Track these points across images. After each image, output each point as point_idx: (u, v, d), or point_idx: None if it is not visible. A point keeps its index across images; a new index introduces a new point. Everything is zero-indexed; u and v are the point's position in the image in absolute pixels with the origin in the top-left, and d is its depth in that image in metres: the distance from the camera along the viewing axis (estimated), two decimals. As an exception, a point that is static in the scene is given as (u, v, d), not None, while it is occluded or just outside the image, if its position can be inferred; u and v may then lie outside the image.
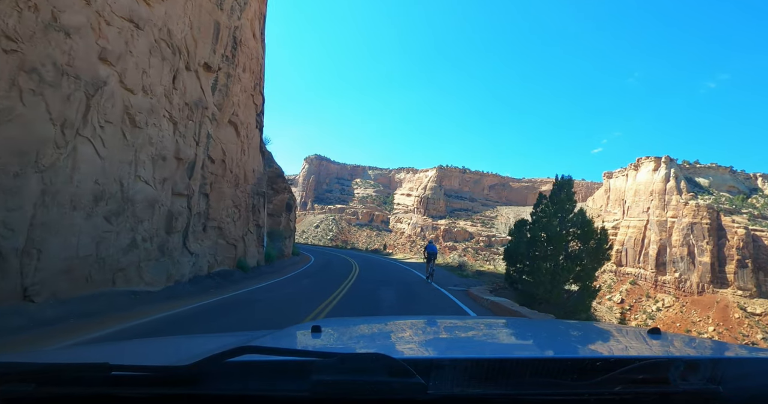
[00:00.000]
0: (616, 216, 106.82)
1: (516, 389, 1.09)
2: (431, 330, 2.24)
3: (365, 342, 1.92)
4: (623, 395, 1.09)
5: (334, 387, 1.03)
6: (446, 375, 1.08)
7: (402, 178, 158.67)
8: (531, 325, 2.67)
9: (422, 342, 1.90)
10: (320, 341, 1.71)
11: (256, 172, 18.89)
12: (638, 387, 1.12)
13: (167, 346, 1.96)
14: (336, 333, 1.99)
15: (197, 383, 1.06)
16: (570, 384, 1.10)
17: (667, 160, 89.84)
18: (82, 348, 3.02)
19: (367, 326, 2.27)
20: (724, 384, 1.11)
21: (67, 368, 1.12)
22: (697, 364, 1.22)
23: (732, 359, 1.51)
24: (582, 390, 1.08)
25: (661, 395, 1.12)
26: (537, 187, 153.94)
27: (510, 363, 1.21)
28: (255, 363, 1.13)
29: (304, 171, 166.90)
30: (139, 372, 1.09)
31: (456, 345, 1.84)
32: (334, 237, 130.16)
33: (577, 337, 2.02)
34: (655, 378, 1.14)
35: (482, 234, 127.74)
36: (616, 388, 1.09)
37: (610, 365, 1.14)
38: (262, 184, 20.35)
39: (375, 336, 2.04)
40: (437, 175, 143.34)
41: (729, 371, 1.20)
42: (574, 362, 1.27)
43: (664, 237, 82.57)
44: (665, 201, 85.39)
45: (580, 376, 1.11)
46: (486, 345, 1.84)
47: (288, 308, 10.29)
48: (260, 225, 19.74)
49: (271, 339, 1.72)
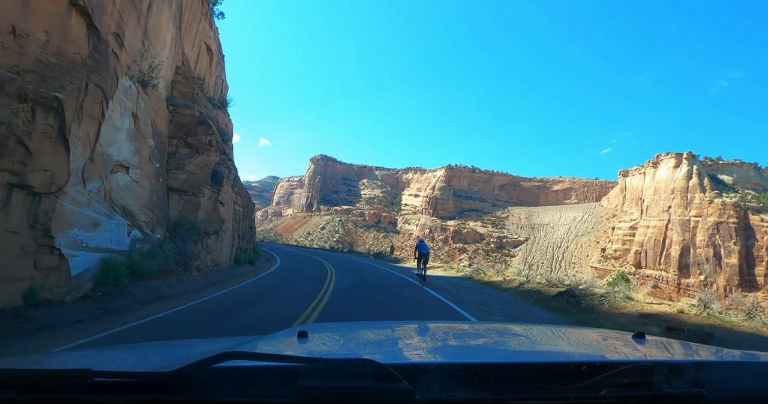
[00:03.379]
0: (633, 216, 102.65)
1: (502, 393, 1.09)
2: (419, 335, 2.24)
3: (352, 347, 1.90)
4: (609, 399, 1.09)
5: (320, 393, 1.02)
6: (433, 380, 1.08)
7: (410, 178, 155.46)
8: (518, 330, 2.49)
9: (409, 348, 1.90)
10: (307, 346, 1.69)
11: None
12: (623, 391, 1.12)
13: (152, 352, 1.95)
14: (323, 338, 1.98)
15: (182, 389, 1.05)
16: (556, 388, 1.10)
17: (689, 156, 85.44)
18: (65, 355, 2.86)
19: (353, 331, 2.27)
20: (708, 388, 1.13)
21: (49, 374, 1.11)
22: (680, 368, 1.23)
23: (715, 363, 1.54)
24: (568, 394, 1.09)
25: (646, 398, 1.13)
26: (549, 186, 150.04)
27: (497, 367, 1.21)
28: (240, 369, 1.10)
29: (310, 171, 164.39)
30: (122, 379, 1.08)
31: (443, 350, 1.85)
32: (340, 238, 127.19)
33: (564, 342, 2.01)
34: (639, 382, 1.15)
35: (493, 235, 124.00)
36: (601, 392, 1.09)
37: (596, 369, 1.14)
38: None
39: (362, 342, 2.03)
40: (446, 174, 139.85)
41: (712, 374, 1.21)
42: (560, 366, 1.27)
43: (687, 238, 78.26)
44: (688, 199, 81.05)
45: (566, 380, 1.12)
46: (473, 350, 1.86)
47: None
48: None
49: (256, 345, 1.73)
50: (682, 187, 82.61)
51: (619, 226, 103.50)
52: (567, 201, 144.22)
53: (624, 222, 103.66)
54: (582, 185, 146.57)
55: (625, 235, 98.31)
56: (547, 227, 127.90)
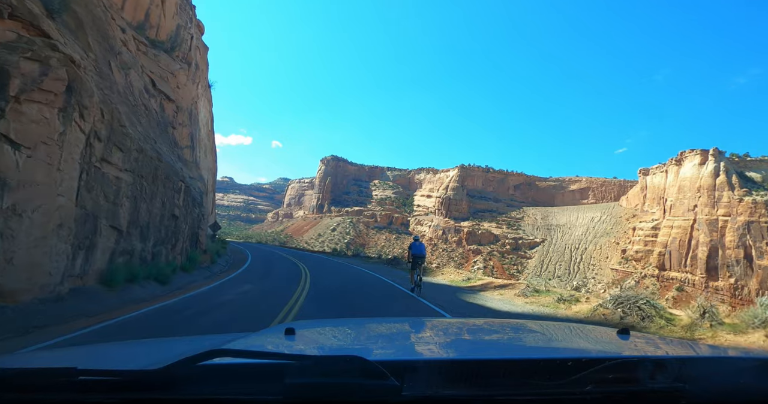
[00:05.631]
0: (655, 216, 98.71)
1: (489, 389, 1.10)
2: (406, 332, 2.24)
3: (339, 344, 1.91)
4: (594, 394, 1.11)
5: (307, 390, 1.03)
6: (420, 377, 1.09)
7: (422, 179, 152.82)
8: (505, 326, 2.50)
9: (397, 344, 1.90)
10: (294, 343, 1.68)
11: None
12: (608, 387, 1.14)
13: (137, 350, 1.94)
14: (310, 335, 1.98)
15: (168, 387, 1.04)
16: (542, 384, 1.12)
17: (716, 152, 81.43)
18: (49, 353, 2.87)
19: (341, 328, 2.27)
20: (691, 383, 1.14)
21: (32, 373, 1.09)
22: (664, 364, 1.26)
23: (698, 358, 1.56)
24: (554, 389, 1.10)
25: (630, 394, 1.15)
26: (565, 186, 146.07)
27: (483, 364, 1.24)
28: (227, 366, 1.11)
29: (321, 172, 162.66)
30: (107, 377, 1.06)
31: (431, 347, 1.86)
32: (351, 240, 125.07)
33: (550, 338, 2.04)
34: (624, 378, 1.17)
35: (508, 236, 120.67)
36: (587, 387, 1.10)
37: (582, 365, 1.15)
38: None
39: (349, 339, 2.03)
40: (459, 174, 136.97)
41: (695, 370, 1.24)
42: (546, 362, 1.28)
43: (715, 238, 74.35)
44: (715, 197, 77.09)
45: (553, 376, 1.12)
46: (460, 346, 1.87)
47: None
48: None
49: (243, 342, 1.72)
50: (708, 184, 78.74)
51: (640, 227, 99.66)
52: (584, 201, 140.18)
53: (645, 223, 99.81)
54: (600, 184, 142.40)
55: (647, 236, 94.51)
56: (564, 228, 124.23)
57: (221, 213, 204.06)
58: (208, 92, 30.53)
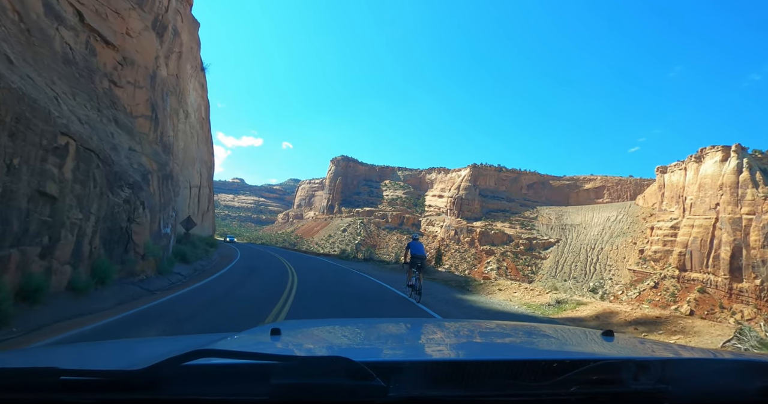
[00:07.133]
0: (674, 215, 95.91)
1: (475, 390, 1.11)
2: (393, 333, 2.25)
3: (326, 344, 1.91)
4: (579, 395, 1.12)
5: (293, 390, 1.03)
6: (407, 377, 1.10)
7: (433, 179, 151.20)
8: (491, 328, 2.56)
9: (384, 345, 1.90)
10: (280, 344, 1.68)
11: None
12: (593, 388, 1.15)
13: (121, 349, 1.94)
14: (296, 335, 1.98)
15: (152, 388, 1.03)
16: (528, 385, 1.13)
17: (738, 148, 78.66)
18: (31, 352, 2.88)
19: (328, 328, 2.28)
20: (674, 384, 1.16)
21: (13, 373, 1.08)
22: (647, 365, 1.28)
23: (680, 360, 1.59)
24: (539, 390, 1.12)
25: (614, 395, 1.17)
26: (580, 185, 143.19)
27: (469, 364, 1.25)
28: (212, 366, 1.11)
29: (331, 173, 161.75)
30: (90, 377, 1.06)
31: (417, 347, 1.87)
32: (362, 241, 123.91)
33: (536, 339, 2.05)
34: (608, 379, 1.19)
35: (522, 236, 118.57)
36: (572, 389, 1.12)
37: (567, 366, 1.16)
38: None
39: (336, 339, 2.04)
40: (471, 174, 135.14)
41: (678, 371, 1.27)
42: (532, 363, 1.29)
43: (738, 238, 71.71)
44: (738, 195, 74.41)
45: (538, 377, 1.14)
46: (447, 347, 1.88)
47: None
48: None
49: (229, 342, 1.73)
50: (731, 182, 76.10)
51: (659, 226, 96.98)
52: (599, 200, 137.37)
53: (664, 222, 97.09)
54: (615, 183, 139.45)
55: (666, 236, 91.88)
56: (579, 228, 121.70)
57: (232, 214, 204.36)
58: (200, 75, 28.19)
